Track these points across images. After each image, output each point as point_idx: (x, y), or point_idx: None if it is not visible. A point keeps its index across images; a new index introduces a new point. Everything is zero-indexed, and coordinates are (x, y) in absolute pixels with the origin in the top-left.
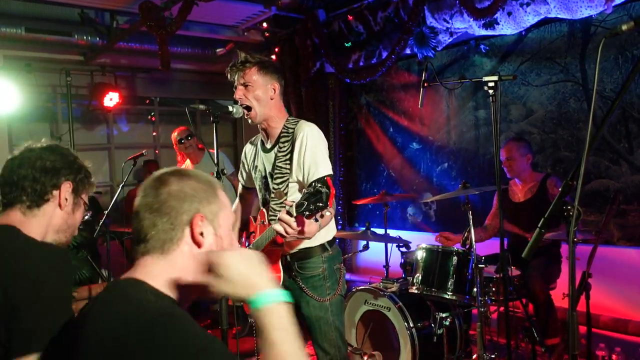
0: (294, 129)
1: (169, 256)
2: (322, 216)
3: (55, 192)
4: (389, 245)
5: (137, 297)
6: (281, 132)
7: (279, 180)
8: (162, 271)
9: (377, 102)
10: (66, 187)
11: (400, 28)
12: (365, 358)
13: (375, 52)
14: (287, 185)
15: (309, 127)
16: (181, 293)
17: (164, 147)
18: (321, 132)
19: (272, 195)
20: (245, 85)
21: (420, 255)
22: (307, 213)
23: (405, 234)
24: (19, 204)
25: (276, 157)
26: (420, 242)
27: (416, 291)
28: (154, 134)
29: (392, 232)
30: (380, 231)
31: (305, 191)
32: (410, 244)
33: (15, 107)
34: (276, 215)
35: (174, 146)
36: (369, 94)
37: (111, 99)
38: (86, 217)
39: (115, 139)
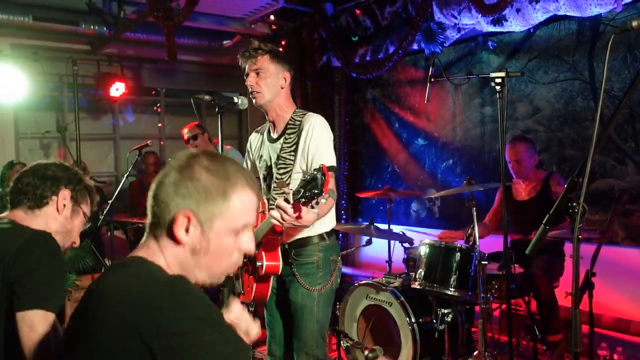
0: (301, 120)
1: None
2: (317, 203)
3: (54, 197)
4: (392, 240)
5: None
6: (288, 123)
7: (282, 171)
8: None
9: (383, 97)
10: (64, 194)
11: (408, 23)
12: (366, 352)
13: (382, 46)
14: (290, 176)
15: (317, 118)
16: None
17: (169, 139)
18: (328, 125)
19: (274, 185)
20: (257, 72)
21: (424, 251)
22: (303, 200)
23: (408, 230)
24: (22, 205)
25: (281, 148)
26: (423, 238)
27: (418, 287)
28: (160, 125)
29: (396, 228)
30: (384, 226)
31: (302, 178)
32: (413, 240)
33: (22, 96)
34: None
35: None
36: (375, 88)
37: (117, 89)
38: (86, 227)
39: (120, 130)
